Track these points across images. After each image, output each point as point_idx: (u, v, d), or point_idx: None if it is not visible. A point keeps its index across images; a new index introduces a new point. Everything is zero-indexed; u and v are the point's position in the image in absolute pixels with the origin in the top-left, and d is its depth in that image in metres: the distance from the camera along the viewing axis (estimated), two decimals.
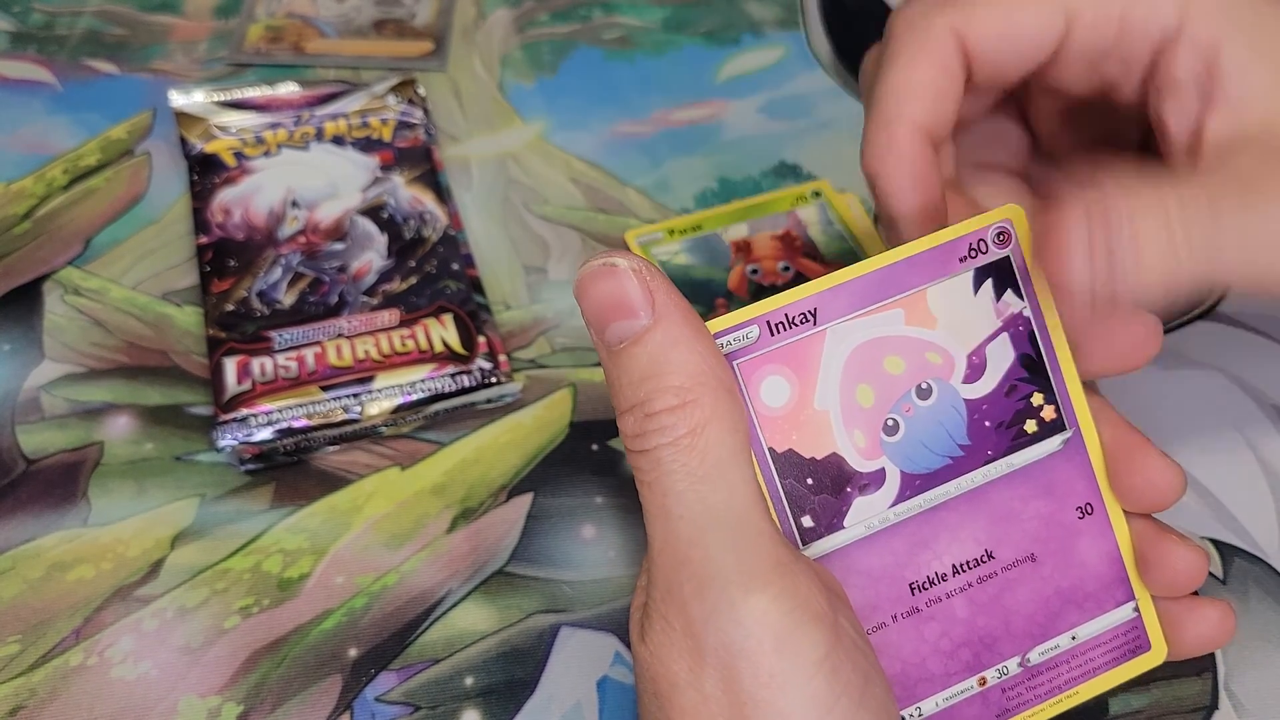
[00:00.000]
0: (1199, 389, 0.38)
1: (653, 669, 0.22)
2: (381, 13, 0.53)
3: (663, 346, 0.22)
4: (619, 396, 0.22)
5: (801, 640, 0.21)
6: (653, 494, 0.22)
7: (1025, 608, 0.26)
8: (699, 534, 0.22)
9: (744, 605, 0.21)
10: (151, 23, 0.52)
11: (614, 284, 0.22)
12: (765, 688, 0.21)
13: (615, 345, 0.22)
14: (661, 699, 0.22)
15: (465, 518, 0.35)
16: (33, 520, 0.34)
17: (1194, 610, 0.27)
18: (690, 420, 0.22)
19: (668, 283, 0.22)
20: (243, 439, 0.35)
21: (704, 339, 0.22)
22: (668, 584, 0.22)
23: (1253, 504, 0.35)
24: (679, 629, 0.22)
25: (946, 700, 0.26)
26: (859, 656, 0.22)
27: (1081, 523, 0.26)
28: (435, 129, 0.47)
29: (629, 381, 0.22)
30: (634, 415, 0.22)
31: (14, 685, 0.31)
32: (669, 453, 0.22)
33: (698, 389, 0.22)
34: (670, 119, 0.48)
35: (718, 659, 0.21)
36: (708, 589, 0.21)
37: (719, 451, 0.22)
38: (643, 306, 0.22)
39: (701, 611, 0.21)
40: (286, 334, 0.37)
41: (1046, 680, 0.26)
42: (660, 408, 0.22)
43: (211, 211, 0.42)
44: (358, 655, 0.31)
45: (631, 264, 0.22)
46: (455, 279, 0.40)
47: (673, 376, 0.22)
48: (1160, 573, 0.26)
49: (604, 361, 0.23)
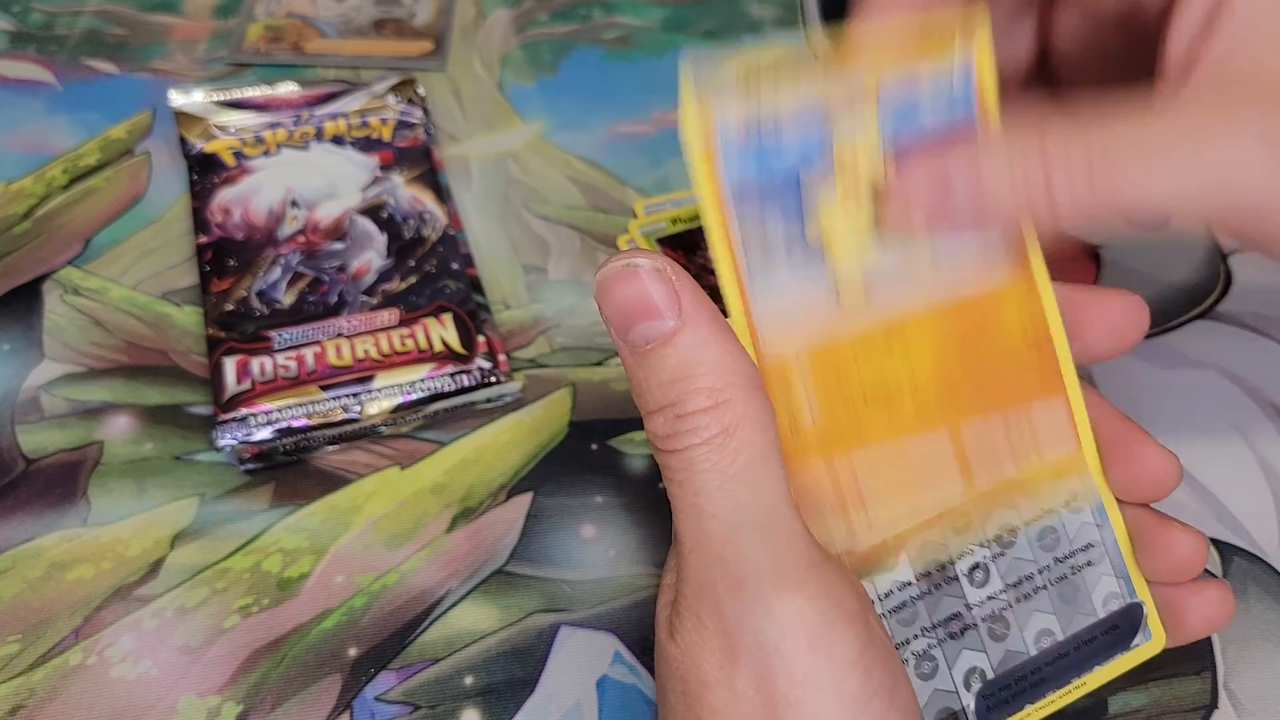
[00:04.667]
0: (1199, 389, 0.38)
1: (683, 667, 0.22)
2: (381, 12, 0.53)
3: (693, 347, 0.22)
4: (646, 397, 0.22)
5: (835, 640, 0.21)
6: (684, 493, 0.22)
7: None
8: (732, 533, 0.21)
9: (778, 604, 0.21)
10: (151, 23, 0.52)
11: (637, 286, 0.22)
12: (799, 687, 0.21)
13: (641, 347, 0.22)
14: (691, 697, 0.22)
15: (465, 517, 0.35)
16: (32, 520, 0.34)
17: (1195, 593, 0.26)
18: (723, 420, 0.21)
19: (692, 282, 0.22)
20: (242, 438, 0.35)
21: (731, 338, 0.22)
22: (700, 582, 0.22)
23: (1252, 504, 0.35)
24: (711, 627, 0.22)
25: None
26: (889, 657, 0.22)
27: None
28: (435, 129, 0.47)
29: (658, 383, 0.22)
30: (664, 416, 0.22)
31: (14, 685, 0.31)
32: (701, 452, 0.21)
33: (729, 389, 0.22)
34: (670, 119, 0.48)
35: (751, 658, 0.21)
36: (742, 588, 0.21)
37: (750, 451, 0.22)
38: (669, 308, 0.22)
39: (735, 610, 0.21)
40: (286, 334, 0.37)
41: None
42: (693, 409, 0.22)
43: (211, 211, 0.42)
44: (357, 655, 0.31)
45: (655, 264, 0.22)
46: (455, 279, 0.40)
47: (704, 378, 0.22)
48: (1163, 558, 0.26)
49: (627, 363, 0.22)
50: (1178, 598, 0.27)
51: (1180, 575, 0.26)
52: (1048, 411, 0.26)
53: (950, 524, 0.25)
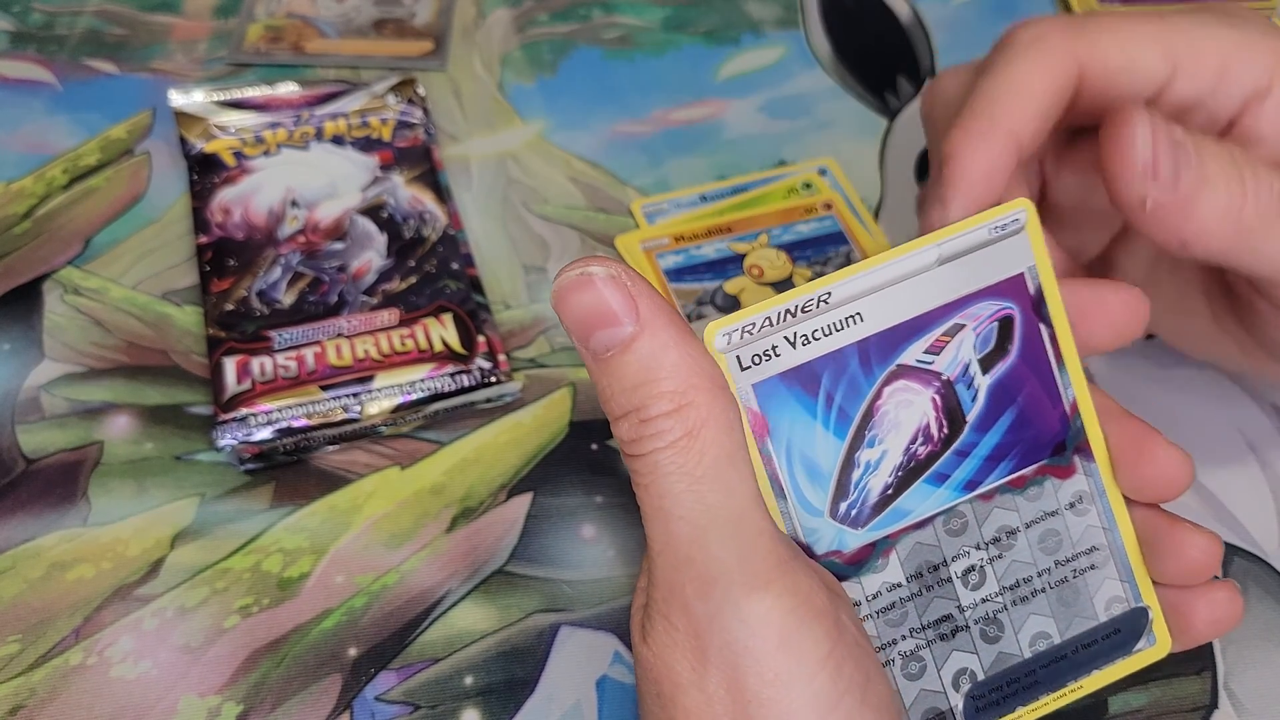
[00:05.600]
0: (1199, 389, 0.38)
1: (655, 670, 0.22)
2: (381, 12, 0.53)
3: (652, 352, 0.22)
4: (611, 403, 0.22)
5: (805, 638, 0.21)
6: (650, 496, 0.22)
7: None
8: (699, 534, 0.22)
9: (747, 604, 0.21)
10: (151, 22, 0.52)
11: (593, 293, 0.22)
12: (770, 686, 0.21)
13: (602, 354, 0.22)
14: (664, 699, 0.22)
15: (465, 517, 0.35)
16: (33, 520, 0.34)
17: (1202, 595, 0.26)
18: (687, 423, 0.22)
19: (648, 285, 0.22)
20: (242, 438, 0.35)
21: (692, 340, 0.22)
22: (669, 585, 0.22)
23: (1253, 504, 0.35)
24: (682, 629, 0.22)
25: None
26: (861, 654, 0.22)
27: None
28: (435, 128, 0.47)
29: (621, 389, 0.22)
30: (629, 421, 0.22)
31: (14, 685, 0.31)
32: (666, 455, 0.22)
33: (691, 391, 0.22)
34: (670, 118, 0.48)
35: (721, 658, 0.21)
36: (710, 589, 0.21)
37: (716, 452, 0.22)
38: (626, 314, 0.22)
39: (705, 611, 0.21)
40: (286, 333, 0.37)
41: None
42: (656, 413, 0.22)
43: (211, 211, 0.42)
44: (358, 655, 0.31)
45: (609, 270, 0.22)
46: (455, 278, 0.40)
47: (666, 381, 0.22)
48: (1174, 561, 0.26)
49: (591, 369, 0.23)
50: (1184, 600, 0.26)
51: (1192, 578, 0.26)
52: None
53: (944, 525, 0.25)
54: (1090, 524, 0.26)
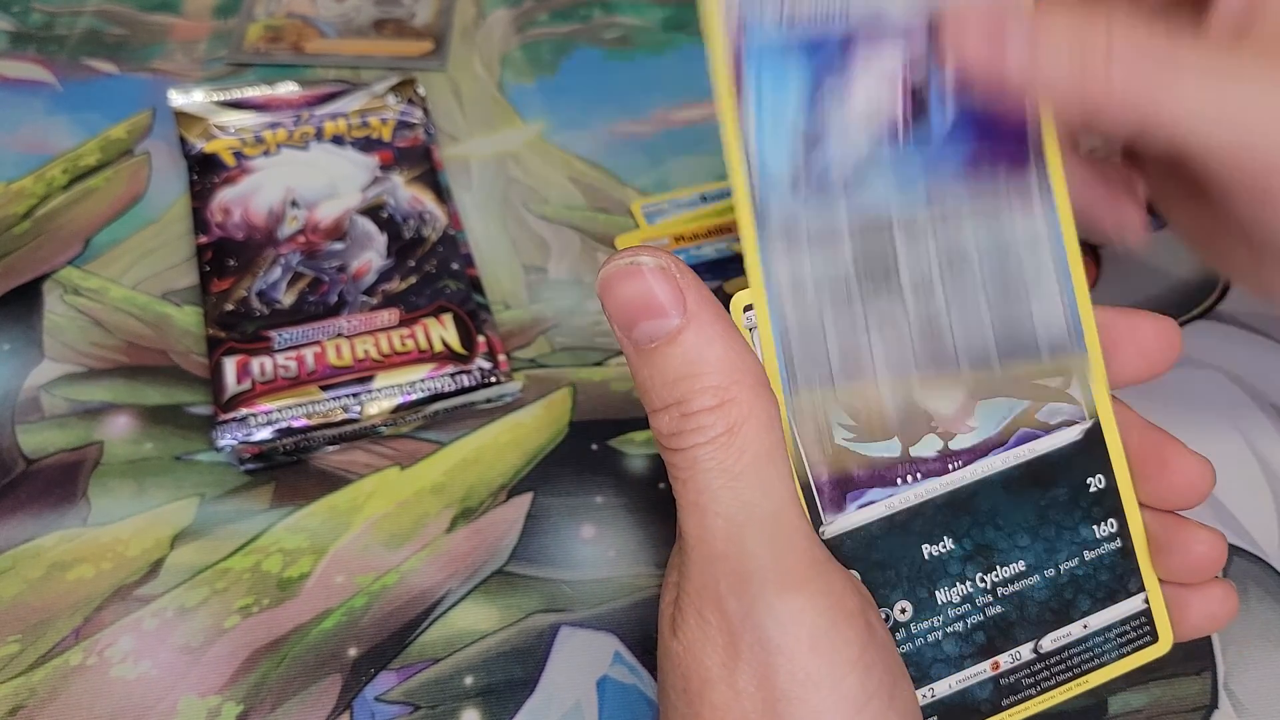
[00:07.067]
0: (1199, 389, 0.38)
1: (685, 664, 0.22)
2: (381, 12, 0.53)
3: (698, 346, 0.22)
4: (651, 395, 0.22)
5: (837, 639, 0.21)
6: (688, 491, 0.22)
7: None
8: (736, 531, 0.22)
9: (781, 603, 0.21)
10: (151, 22, 0.52)
11: (641, 284, 0.22)
12: (800, 685, 0.21)
13: (645, 345, 0.22)
14: (692, 694, 0.22)
15: (465, 517, 0.35)
16: (32, 520, 0.34)
17: (1199, 590, 0.26)
18: (728, 419, 0.22)
19: (696, 279, 0.22)
20: (242, 439, 0.35)
21: (736, 335, 0.22)
22: (703, 580, 0.22)
23: (1253, 504, 0.35)
24: (714, 625, 0.22)
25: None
26: (889, 656, 0.22)
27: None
28: (435, 129, 0.47)
29: (663, 382, 0.22)
30: (669, 414, 0.22)
31: (14, 685, 0.31)
32: (706, 451, 0.22)
33: (734, 387, 0.22)
34: (670, 119, 0.48)
35: (753, 656, 0.21)
36: (745, 586, 0.21)
37: (756, 449, 0.22)
38: (673, 306, 0.22)
39: (738, 608, 0.21)
40: (286, 334, 0.37)
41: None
42: (698, 407, 0.22)
43: (211, 211, 0.42)
44: (358, 655, 0.31)
45: (659, 261, 0.22)
46: (455, 279, 0.40)
47: (710, 376, 0.22)
48: (1180, 558, 0.26)
49: (631, 360, 0.23)
50: (1181, 594, 0.27)
51: (1196, 575, 0.26)
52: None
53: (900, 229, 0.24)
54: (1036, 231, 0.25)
